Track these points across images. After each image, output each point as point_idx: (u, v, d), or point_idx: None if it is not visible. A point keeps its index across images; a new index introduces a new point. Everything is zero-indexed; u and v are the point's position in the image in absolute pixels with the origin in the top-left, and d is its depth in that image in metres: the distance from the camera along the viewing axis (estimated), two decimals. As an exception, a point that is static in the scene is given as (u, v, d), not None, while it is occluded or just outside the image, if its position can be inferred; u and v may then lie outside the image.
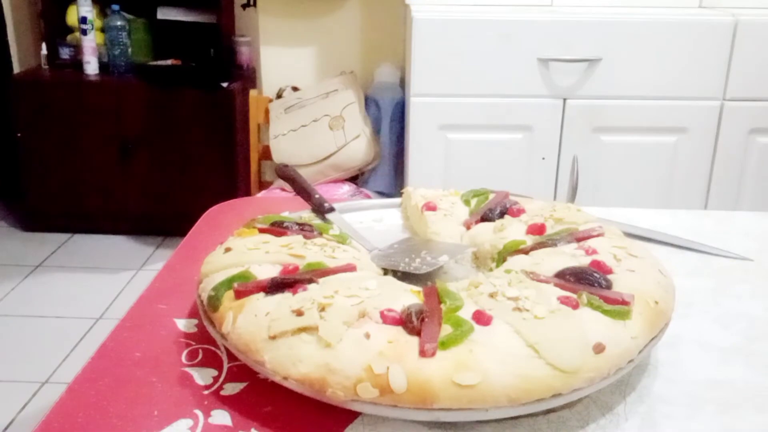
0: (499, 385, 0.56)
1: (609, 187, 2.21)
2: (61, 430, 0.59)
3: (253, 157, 2.55)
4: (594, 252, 0.73)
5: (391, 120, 2.50)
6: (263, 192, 2.54)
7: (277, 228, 0.77)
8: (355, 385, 0.56)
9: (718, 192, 2.23)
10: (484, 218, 0.85)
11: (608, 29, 2.13)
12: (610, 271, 0.69)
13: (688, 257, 0.91)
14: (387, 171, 2.51)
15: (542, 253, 0.74)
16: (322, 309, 0.60)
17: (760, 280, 0.85)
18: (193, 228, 0.98)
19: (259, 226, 0.77)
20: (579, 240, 0.76)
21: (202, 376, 0.65)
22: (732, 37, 2.11)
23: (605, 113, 2.16)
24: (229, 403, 0.62)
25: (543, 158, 2.20)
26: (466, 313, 0.61)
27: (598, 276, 0.67)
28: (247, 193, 2.59)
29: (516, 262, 0.73)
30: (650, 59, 2.12)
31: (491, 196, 0.90)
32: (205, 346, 0.70)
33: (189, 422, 0.59)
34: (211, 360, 0.67)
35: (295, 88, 2.63)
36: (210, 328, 0.67)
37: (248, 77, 2.87)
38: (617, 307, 0.63)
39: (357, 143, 2.43)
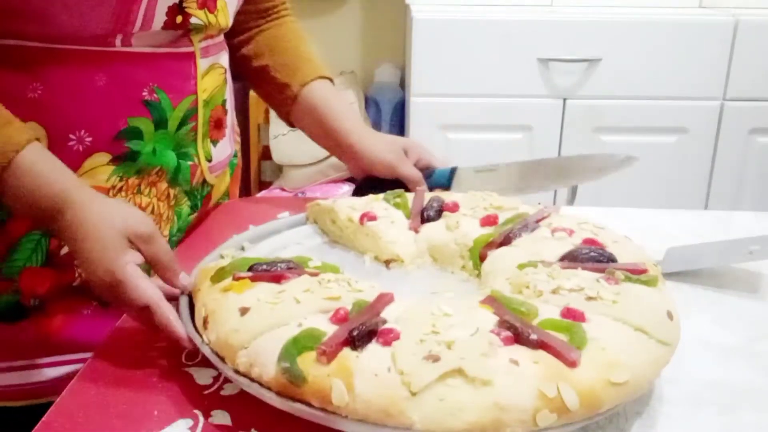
0: (642, 376, 0.57)
1: (609, 187, 2.20)
2: (61, 430, 0.59)
3: (253, 157, 2.55)
4: (572, 232, 0.75)
5: (391, 120, 2.50)
6: (263, 192, 2.54)
7: (269, 273, 0.68)
8: (533, 417, 0.52)
9: (718, 192, 2.23)
10: (423, 219, 0.84)
11: (608, 29, 2.13)
12: (604, 246, 0.72)
13: (688, 257, 0.91)
14: (387, 171, 2.51)
15: (526, 242, 0.75)
16: (449, 347, 0.54)
17: (761, 280, 0.85)
18: (198, 227, 0.97)
19: (243, 274, 0.67)
20: (538, 221, 0.78)
21: (202, 376, 0.65)
22: (732, 37, 2.11)
23: (605, 113, 2.16)
24: (229, 403, 0.62)
25: (543, 158, 2.20)
26: (550, 315, 0.60)
27: (609, 253, 0.70)
28: (247, 193, 2.59)
29: (505, 255, 0.74)
30: (650, 59, 2.12)
31: (410, 197, 0.89)
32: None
33: (189, 422, 0.59)
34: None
35: (295, 88, 2.63)
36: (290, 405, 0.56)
37: (248, 77, 2.86)
38: (644, 276, 0.66)
39: (357, 143, 2.42)
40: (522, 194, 0.96)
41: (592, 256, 0.70)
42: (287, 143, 2.43)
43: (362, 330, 0.57)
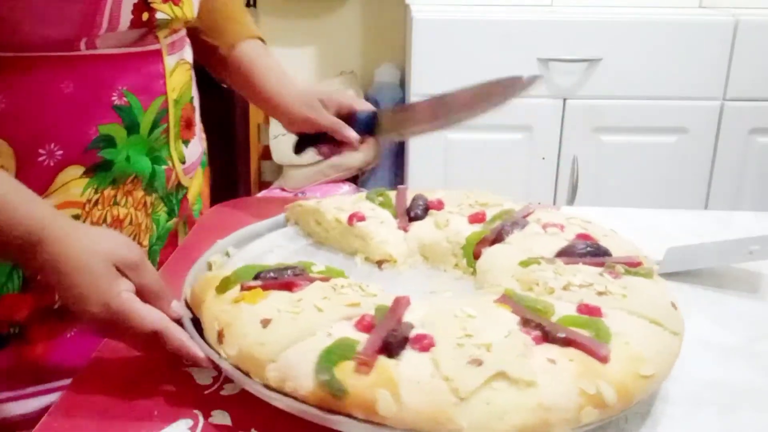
0: (663, 368, 0.58)
1: (609, 187, 2.21)
2: (61, 430, 0.59)
3: (253, 157, 2.55)
4: (563, 227, 0.76)
5: (391, 120, 2.50)
6: (263, 192, 2.54)
7: (279, 281, 0.66)
8: (578, 414, 0.53)
9: (718, 192, 2.23)
10: (411, 218, 0.84)
11: (608, 29, 2.13)
12: (596, 240, 0.74)
13: (688, 257, 0.91)
14: (387, 171, 2.51)
15: (519, 238, 0.76)
16: (488, 350, 0.54)
17: (760, 280, 0.85)
18: (193, 228, 0.98)
19: (252, 283, 0.65)
20: (525, 217, 0.80)
21: (202, 376, 0.65)
22: (732, 37, 2.11)
23: (605, 113, 2.16)
24: (229, 403, 0.62)
25: (543, 158, 2.20)
26: (566, 312, 0.61)
27: (604, 247, 0.72)
28: (247, 193, 2.59)
29: (501, 252, 0.74)
30: (650, 59, 2.12)
31: (392, 195, 0.89)
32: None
33: (189, 422, 0.59)
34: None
35: (295, 88, 2.63)
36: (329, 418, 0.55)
37: (248, 77, 2.85)
38: (642, 269, 0.68)
39: (357, 143, 2.42)
40: (439, 130, 0.97)
41: (588, 251, 0.71)
42: (287, 143, 2.42)
43: (398, 337, 0.56)
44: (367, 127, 0.97)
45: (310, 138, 1.00)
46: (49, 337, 0.79)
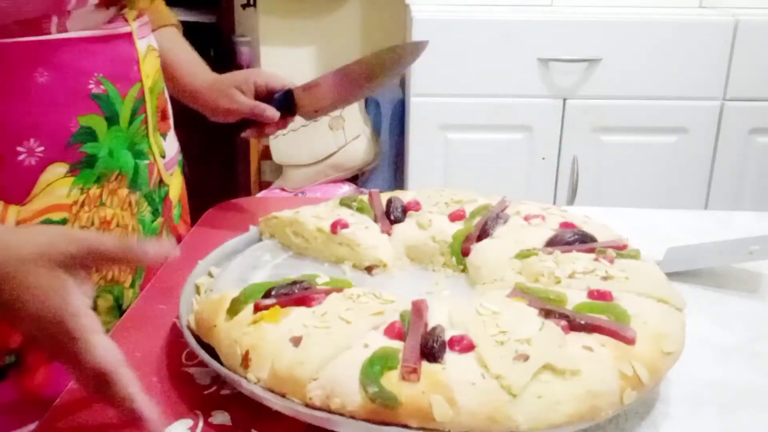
0: (681, 342, 0.61)
1: (609, 187, 2.21)
2: (61, 430, 0.59)
3: (253, 157, 2.54)
4: (544, 218, 0.78)
5: (391, 120, 2.50)
6: (263, 192, 2.54)
7: (292, 296, 0.64)
8: (621, 397, 0.55)
9: (718, 192, 2.23)
10: (392, 221, 0.84)
11: (608, 29, 2.13)
12: (579, 227, 0.76)
13: (688, 257, 0.91)
14: (387, 171, 2.51)
15: (505, 232, 0.77)
16: (529, 345, 0.55)
17: (760, 280, 0.85)
18: (193, 228, 0.98)
19: (268, 302, 0.63)
20: (503, 211, 0.81)
21: (202, 376, 0.65)
22: (732, 37, 2.11)
23: (605, 113, 2.16)
24: (228, 403, 0.62)
25: (543, 158, 2.20)
26: (578, 300, 0.63)
27: (590, 234, 0.74)
28: (247, 193, 2.59)
29: (491, 247, 0.75)
30: (650, 59, 2.12)
31: (365, 199, 0.88)
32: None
33: (189, 422, 0.59)
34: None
35: (295, 88, 2.63)
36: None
37: (248, 77, 2.85)
38: (628, 251, 0.71)
39: (357, 143, 2.43)
40: (349, 104, 0.99)
41: (576, 238, 0.73)
42: (287, 143, 2.43)
43: (438, 341, 0.56)
44: (286, 105, 0.97)
45: (241, 121, 1.00)
46: (48, 360, 0.74)
